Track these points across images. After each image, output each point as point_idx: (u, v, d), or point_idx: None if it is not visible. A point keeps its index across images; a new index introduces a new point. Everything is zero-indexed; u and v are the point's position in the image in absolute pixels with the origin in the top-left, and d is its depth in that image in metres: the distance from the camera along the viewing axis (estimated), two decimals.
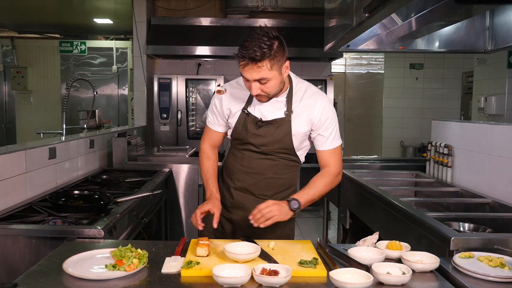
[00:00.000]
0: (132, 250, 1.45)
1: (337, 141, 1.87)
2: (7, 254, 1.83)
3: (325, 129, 1.84)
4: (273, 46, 1.65)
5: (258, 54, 1.62)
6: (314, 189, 1.82)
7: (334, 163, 1.87)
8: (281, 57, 1.69)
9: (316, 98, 1.85)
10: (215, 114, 1.95)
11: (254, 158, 1.90)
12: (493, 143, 2.49)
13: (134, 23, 5.49)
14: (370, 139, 7.40)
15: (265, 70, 1.65)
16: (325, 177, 1.85)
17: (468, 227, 2.20)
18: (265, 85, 1.70)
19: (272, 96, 1.78)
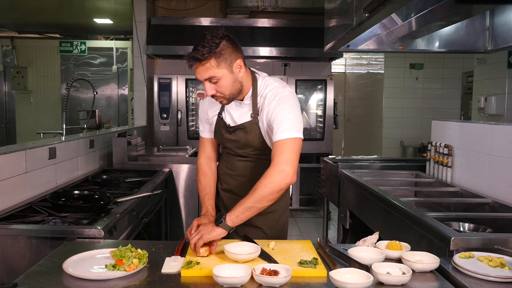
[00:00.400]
0: (132, 250, 1.45)
1: (286, 133, 1.69)
2: (7, 254, 1.83)
3: (274, 118, 1.73)
4: (219, 44, 1.66)
5: (200, 54, 1.64)
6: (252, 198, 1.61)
7: (281, 159, 1.65)
8: (230, 55, 1.69)
9: (274, 93, 1.78)
10: (201, 121, 2.00)
11: (235, 160, 1.93)
12: (493, 143, 2.49)
13: (134, 23, 5.49)
14: (370, 139, 7.40)
15: (212, 68, 1.66)
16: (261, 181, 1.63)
17: (468, 227, 2.20)
18: (217, 85, 1.71)
19: (230, 97, 1.76)
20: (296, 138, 1.72)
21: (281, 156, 1.67)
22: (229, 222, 1.59)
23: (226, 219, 1.59)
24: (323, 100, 5.73)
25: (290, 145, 1.69)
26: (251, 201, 1.61)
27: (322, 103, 5.77)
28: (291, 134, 1.70)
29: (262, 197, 1.61)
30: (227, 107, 1.87)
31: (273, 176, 1.63)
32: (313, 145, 5.76)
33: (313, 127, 6.00)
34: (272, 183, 1.62)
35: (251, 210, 1.62)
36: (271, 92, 1.79)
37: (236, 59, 1.72)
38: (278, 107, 1.74)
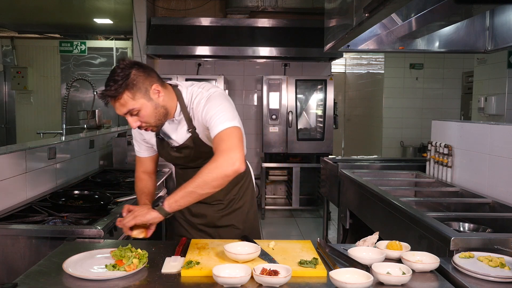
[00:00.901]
0: (132, 250, 1.45)
1: (222, 124, 1.61)
2: (7, 254, 1.83)
3: (207, 120, 1.67)
4: (129, 75, 1.57)
5: (112, 89, 1.55)
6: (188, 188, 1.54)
7: (222, 148, 1.57)
8: (143, 83, 1.60)
9: (199, 98, 1.71)
10: (137, 142, 1.93)
11: (192, 172, 1.77)
12: (493, 143, 2.49)
13: (134, 23, 5.49)
14: (370, 139, 7.40)
15: (128, 101, 1.58)
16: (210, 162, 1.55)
17: (468, 227, 2.20)
18: (140, 116, 1.62)
19: (158, 124, 1.68)
20: (234, 127, 1.62)
21: (223, 145, 1.57)
22: (166, 206, 1.52)
23: (164, 202, 1.53)
24: (323, 100, 5.73)
25: (230, 133, 1.60)
26: (193, 186, 1.52)
27: (322, 103, 5.77)
28: (228, 124, 1.61)
29: (205, 182, 1.52)
30: (163, 129, 1.80)
31: (218, 161, 1.54)
32: (313, 145, 5.76)
33: (313, 127, 6.00)
34: (217, 169, 1.53)
35: (192, 195, 1.53)
36: (197, 99, 1.71)
37: (151, 85, 1.62)
38: (206, 107, 1.67)
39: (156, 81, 1.65)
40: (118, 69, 1.58)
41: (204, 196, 1.55)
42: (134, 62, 1.62)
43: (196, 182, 1.52)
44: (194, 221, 1.99)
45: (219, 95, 1.71)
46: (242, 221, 1.99)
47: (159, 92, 1.64)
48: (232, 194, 1.97)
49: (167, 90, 1.70)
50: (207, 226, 1.97)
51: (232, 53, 5.54)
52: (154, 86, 1.63)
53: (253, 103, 6.25)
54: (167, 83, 1.74)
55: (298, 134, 5.71)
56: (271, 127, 5.68)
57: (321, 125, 5.77)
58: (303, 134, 5.87)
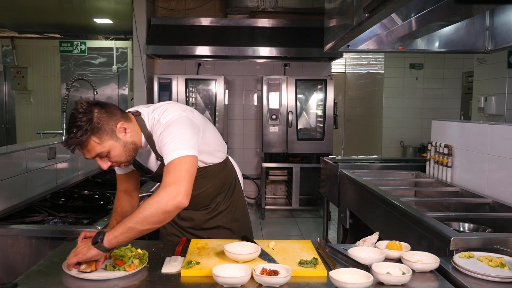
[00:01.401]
0: (132, 250, 1.45)
1: (174, 153, 1.52)
2: (7, 254, 1.83)
3: (161, 148, 1.59)
4: (93, 118, 1.49)
5: (78, 136, 1.47)
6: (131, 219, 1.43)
7: (170, 180, 1.48)
8: (108, 124, 1.52)
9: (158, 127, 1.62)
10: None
11: None
12: (493, 143, 2.49)
13: (134, 23, 5.49)
14: (370, 139, 7.40)
15: (95, 146, 1.51)
16: (152, 197, 1.47)
17: (468, 227, 2.20)
18: (110, 157, 1.56)
19: (128, 159, 1.62)
20: (184, 157, 1.52)
21: (168, 177, 1.49)
22: (105, 243, 1.41)
23: (103, 239, 1.42)
24: (323, 100, 5.73)
25: (177, 164, 1.50)
26: (132, 222, 1.42)
27: (322, 103, 5.77)
28: (178, 153, 1.52)
29: (144, 218, 1.42)
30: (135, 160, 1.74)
31: (159, 195, 1.45)
32: (313, 145, 5.76)
33: (313, 127, 6.00)
34: (157, 203, 1.43)
35: (131, 231, 1.42)
36: (156, 127, 1.63)
37: (116, 124, 1.55)
38: (162, 134, 1.58)
39: (120, 118, 1.57)
40: (79, 114, 1.48)
41: (144, 232, 1.45)
42: (94, 103, 1.53)
43: (136, 218, 1.42)
44: (183, 224, 1.97)
45: (177, 120, 1.60)
46: (230, 220, 1.98)
47: (126, 129, 1.57)
48: (218, 199, 1.95)
49: (132, 123, 1.62)
50: (195, 228, 1.96)
51: (232, 53, 5.54)
52: (119, 125, 1.56)
53: (253, 103, 6.25)
54: (129, 114, 1.65)
55: (298, 134, 5.71)
56: (271, 127, 5.68)
57: (321, 125, 5.77)
58: (303, 134, 5.87)
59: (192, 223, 1.96)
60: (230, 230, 1.97)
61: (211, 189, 1.89)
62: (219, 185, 1.93)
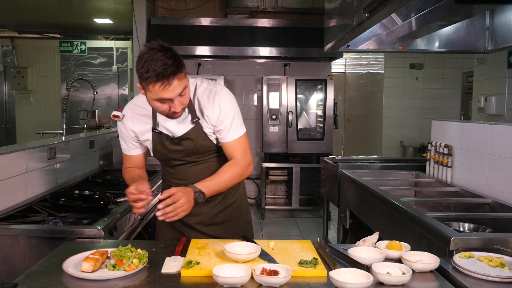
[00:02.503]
0: (132, 250, 1.45)
1: (236, 132, 1.78)
2: (7, 254, 1.83)
3: (221, 122, 1.75)
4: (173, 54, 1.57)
5: (173, 68, 1.53)
6: (221, 178, 1.72)
7: (241, 155, 1.79)
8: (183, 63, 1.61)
9: (208, 95, 1.76)
10: (124, 140, 1.88)
11: (186, 168, 1.86)
12: (493, 143, 2.49)
13: (134, 23, 5.49)
14: (370, 139, 7.40)
15: (183, 78, 1.59)
16: (233, 167, 1.77)
17: (468, 227, 2.20)
18: (184, 96, 1.63)
19: (185, 107, 1.69)
20: (244, 134, 1.83)
21: (245, 153, 1.81)
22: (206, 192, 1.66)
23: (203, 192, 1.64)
24: (323, 100, 5.73)
25: (243, 140, 1.81)
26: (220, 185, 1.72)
27: (322, 103, 5.77)
28: (241, 131, 1.80)
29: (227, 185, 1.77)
30: (161, 120, 1.79)
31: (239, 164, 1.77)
32: (313, 145, 5.76)
33: (313, 127, 6.00)
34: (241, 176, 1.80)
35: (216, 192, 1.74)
36: (206, 93, 1.76)
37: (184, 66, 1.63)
38: (222, 108, 1.74)
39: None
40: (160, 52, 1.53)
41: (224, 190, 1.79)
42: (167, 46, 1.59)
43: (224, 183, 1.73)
44: (190, 221, 1.93)
45: (228, 93, 1.80)
46: (237, 215, 1.99)
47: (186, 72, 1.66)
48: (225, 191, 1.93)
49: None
50: (203, 224, 1.94)
51: (232, 53, 5.54)
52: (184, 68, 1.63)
53: (253, 103, 6.25)
54: None
55: (298, 134, 5.71)
56: (271, 127, 5.68)
57: (321, 125, 5.77)
58: (303, 134, 5.87)
59: (200, 218, 1.93)
60: (236, 225, 1.97)
61: None
62: None
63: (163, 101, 1.59)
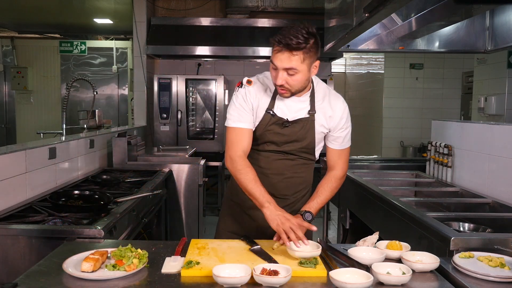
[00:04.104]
0: (132, 250, 1.45)
1: (348, 143, 1.94)
2: (7, 254, 1.83)
3: (341, 130, 1.88)
4: (310, 40, 1.65)
5: (294, 42, 1.62)
6: (322, 196, 1.85)
7: (342, 165, 1.92)
8: (314, 55, 1.70)
9: (336, 100, 1.88)
10: (243, 110, 1.81)
11: (273, 158, 1.89)
12: (493, 143, 2.49)
13: (134, 23, 5.49)
14: (370, 139, 7.40)
15: (297, 61, 1.65)
16: (332, 182, 1.89)
17: (468, 227, 2.20)
18: (292, 77, 1.68)
19: (294, 92, 1.75)
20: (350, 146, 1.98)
21: (346, 165, 1.96)
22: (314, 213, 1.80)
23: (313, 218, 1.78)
24: None
25: (348, 153, 1.97)
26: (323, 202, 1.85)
27: None
28: (350, 143, 1.96)
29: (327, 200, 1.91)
30: (280, 102, 1.81)
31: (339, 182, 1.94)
32: None
33: None
34: (337, 188, 1.94)
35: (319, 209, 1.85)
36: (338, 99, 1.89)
37: (316, 59, 1.73)
38: (347, 117, 1.90)
39: (318, 58, 1.75)
40: (304, 30, 1.64)
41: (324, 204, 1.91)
42: (315, 33, 1.70)
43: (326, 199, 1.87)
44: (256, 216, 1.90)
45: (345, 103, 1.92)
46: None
47: (316, 68, 1.76)
48: (298, 194, 1.97)
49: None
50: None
51: (232, 53, 5.53)
52: (317, 63, 1.74)
53: None
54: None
55: None
56: None
57: None
58: None
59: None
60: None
61: (300, 180, 1.95)
62: (307, 182, 2.00)
63: (273, 66, 1.69)
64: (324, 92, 1.87)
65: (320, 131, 1.86)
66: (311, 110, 1.83)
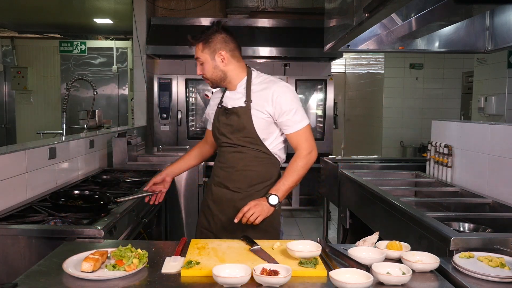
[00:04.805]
0: (132, 250, 1.45)
1: (300, 123, 1.98)
2: (7, 254, 1.83)
3: (286, 114, 1.95)
4: (211, 35, 1.95)
5: (198, 37, 1.97)
6: (289, 177, 1.94)
7: (303, 145, 1.98)
8: (215, 45, 1.95)
9: (275, 86, 1.98)
10: (208, 115, 2.22)
11: (227, 152, 2.07)
12: (493, 143, 2.49)
13: (134, 23, 5.49)
14: (370, 139, 7.40)
15: (198, 51, 1.98)
16: (296, 161, 1.98)
17: (468, 227, 2.20)
18: (202, 67, 2.00)
19: (213, 81, 2.04)
20: (308, 125, 2.01)
21: (307, 142, 1.99)
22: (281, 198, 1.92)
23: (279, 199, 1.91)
24: (323, 100, 5.73)
25: (307, 131, 1.99)
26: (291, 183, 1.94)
27: (322, 103, 5.76)
28: (304, 123, 1.98)
29: (298, 179, 1.97)
30: (225, 96, 2.09)
31: (307, 160, 1.97)
32: None
33: (313, 127, 6.00)
34: (307, 164, 1.98)
35: (290, 189, 1.96)
36: (267, 85, 1.99)
37: (220, 50, 1.96)
38: (285, 99, 1.95)
39: (228, 51, 1.97)
40: (215, 27, 1.97)
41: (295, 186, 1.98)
42: (222, 29, 1.97)
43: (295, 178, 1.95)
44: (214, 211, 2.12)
45: (289, 88, 2.02)
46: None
47: (225, 59, 1.97)
48: (255, 188, 2.04)
49: (237, 63, 2.02)
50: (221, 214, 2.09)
51: None
52: (222, 52, 1.96)
53: None
54: (244, 61, 2.07)
55: None
56: None
57: (321, 125, 5.77)
58: None
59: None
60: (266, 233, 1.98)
61: (253, 174, 2.03)
62: (264, 177, 2.05)
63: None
64: (262, 81, 2.02)
65: (261, 118, 1.97)
66: (246, 100, 1.99)
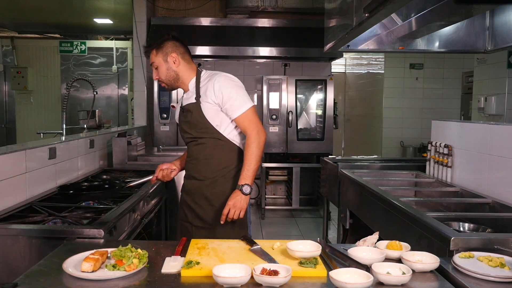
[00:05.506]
0: (132, 250, 1.45)
1: (243, 107, 2.10)
2: (7, 254, 1.83)
3: (227, 100, 2.09)
4: (163, 41, 2.17)
5: (150, 45, 2.21)
6: (249, 162, 2.07)
7: (249, 129, 2.10)
8: (167, 49, 2.16)
9: (213, 77, 2.14)
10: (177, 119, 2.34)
11: (191, 146, 2.23)
12: (493, 143, 2.49)
13: (134, 23, 5.49)
14: (370, 139, 7.40)
15: (152, 56, 2.17)
16: (249, 147, 2.09)
17: (468, 227, 2.20)
18: (158, 71, 2.18)
19: (168, 83, 2.21)
20: (252, 107, 2.14)
21: (253, 123, 2.11)
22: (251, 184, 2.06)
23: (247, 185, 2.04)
24: (323, 100, 5.73)
25: (251, 113, 2.12)
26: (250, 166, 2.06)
27: (322, 103, 5.77)
28: (246, 106, 2.11)
29: (257, 160, 2.07)
30: (183, 98, 2.26)
31: (256, 140, 2.08)
32: (313, 145, 5.76)
33: (313, 127, 6.00)
34: (258, 145, 2.09)
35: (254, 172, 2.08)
36: (210, 78, 2.15)
37: (172, 53, 2.15)
38: (224, 86, 2.10)
39: (178, 54, 2.17)
40: (166, 35, 2.20)
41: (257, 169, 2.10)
42: (173, 36, 2.20)
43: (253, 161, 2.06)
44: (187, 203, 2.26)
45: (228, 77, 2.16)
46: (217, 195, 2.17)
47: (176, 60, 2.16)
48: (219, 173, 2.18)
49: (188, 65, 2.21)
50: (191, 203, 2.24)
51: (232, 53, 5.54)
52: (173, 55, 2.16)
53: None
54: (194, 63, 2.26)
55: (298, 134, 5.71)
56: (271, 127, 5.68)
57: (321, 125, 5.77)
58: (303, 134, 5.87)
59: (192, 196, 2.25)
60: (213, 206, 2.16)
61: (216, 162, 2.17)
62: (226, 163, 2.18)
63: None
64: (207, 76, 2.18)
65: (210, 109, 2.12)
66: (196, 96, 2.16)
